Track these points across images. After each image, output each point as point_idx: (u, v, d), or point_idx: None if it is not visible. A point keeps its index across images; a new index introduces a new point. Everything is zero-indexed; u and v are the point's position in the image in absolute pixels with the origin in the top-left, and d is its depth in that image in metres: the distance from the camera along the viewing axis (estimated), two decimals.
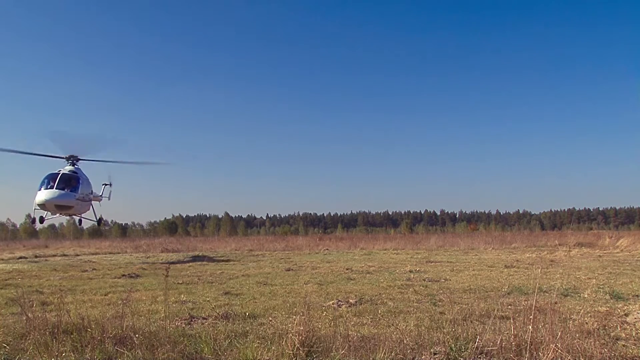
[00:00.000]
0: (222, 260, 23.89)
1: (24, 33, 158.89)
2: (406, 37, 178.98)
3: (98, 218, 26.78)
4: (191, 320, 7.70)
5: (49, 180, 21.62)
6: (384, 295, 10.37)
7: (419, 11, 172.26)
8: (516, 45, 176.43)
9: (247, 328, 6.89)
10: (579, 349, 4.84)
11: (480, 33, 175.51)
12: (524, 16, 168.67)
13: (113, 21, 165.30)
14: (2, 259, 26.01)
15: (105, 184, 30.52)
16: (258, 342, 5.63)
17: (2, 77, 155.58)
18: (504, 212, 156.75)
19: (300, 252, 30.60)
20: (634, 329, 6.70)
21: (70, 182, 22.22)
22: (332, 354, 5.18)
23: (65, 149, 23.55)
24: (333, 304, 9.21)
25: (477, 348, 5.17)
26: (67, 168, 23.25)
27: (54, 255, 30.16)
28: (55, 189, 21.37)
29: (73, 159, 23.75)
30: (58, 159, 23.64)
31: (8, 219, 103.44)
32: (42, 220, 23.63)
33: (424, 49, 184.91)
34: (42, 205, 21.25)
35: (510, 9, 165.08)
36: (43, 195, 21.10)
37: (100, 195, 29.67)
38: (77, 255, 31.34)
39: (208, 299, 10.25)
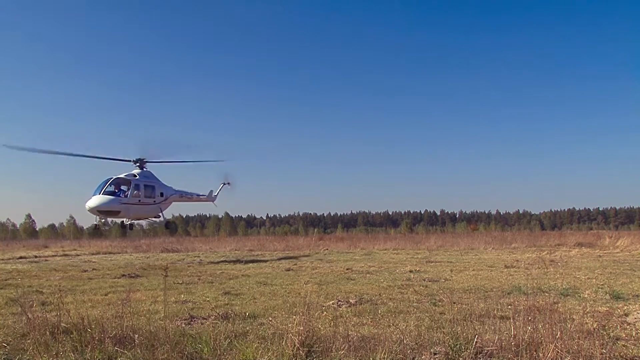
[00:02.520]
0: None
1: (26, 33, 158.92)
2: (406, 36, 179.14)
3: (166, 221, 26.17)
4: (191, 320, 7.69)
5: (99, 186, 21.82)
6: (384, 295, 10.36)
7: (420, 11, 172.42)
8: (517, 45, 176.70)
9: (247, 328, 6.88)
10: (578, 349, 4.83)
11: (480, 33, 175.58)
12: (525, 16, 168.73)
13: (116, 21, 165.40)
14: (2, 259, 26.01)
15: (224, 183, 30.10)
16: (258, 342, 5.62)
17: (7, 76, 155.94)
18: (504, 212, 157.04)
19: (300, 252, 30.59)
20: (634, 329, 6.70)
21: (120, 187, 22.09)
22: (332, 354, 5.18)
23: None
24: (333, 304, 9.21)
25: (476, 348, 5.17)
26: (134, 171, 23.32)
27: (54, 255, 30.16)
28: (102, 194, 21.43)
29: (140, 162, 23.74)
30: (126, 162, 23.75)
31: (8, 219, 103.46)
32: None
33: (424, 48, 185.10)
34: (90, 212, 21.46)
35: (511, 9, 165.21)
36: (88, 202, 21.31)
37: (213, 196, 29.36)
38: (77, 255, 31.34)
39: (208, 299, 10.25)
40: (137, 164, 23.76)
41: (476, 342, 5.20)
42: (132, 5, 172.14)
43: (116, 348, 5.45)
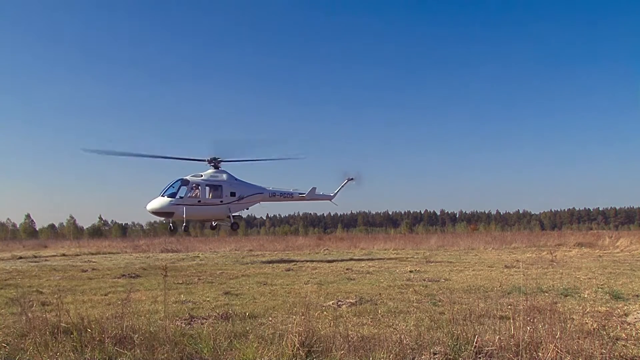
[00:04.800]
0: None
1: (29, 30, 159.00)
2: (407, 33, 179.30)
3: (232, 222, 24.77)
4: (191, 320, 7.70)
5: (164, 188, 21.91)
6: (384, 295, 10.37)
7: (422, 9, 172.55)
8: (516, 45, 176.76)
9: (247, 328, 6.88)
10: (578, 349, 4.83)
11: (480, 32, 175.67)
12: (526, 16, 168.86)
13: (121, 19, 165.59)
14: (2, 259, 26.00)
15: (349, 179, 27.02)
16: (258, 343, 5.62)
17: (7, 75, 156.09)
18: (504, 212, 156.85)
19: (300, 252, 30.60)
20: (634, 329, 6.70)
21: (179, 189, 21.95)
22: (332, 354, 5.18)
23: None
24: (333, 304, 9.21)
25: (476, 348, 5.17)
26: (208, 171, 23.19)
27: (54, 255, 30.14)
28: (161, 196, 21.57)
29: (215, 162, 23.40)
30: (200, 161, 23.56)
31: (8, 219, 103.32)
32: (177, 226, 24.03)
33: (424, 46, 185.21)
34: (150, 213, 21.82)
35: (510, 7, 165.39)
36: (147, 205, 21.51)
37: (331, 194, 26.77)
38: (77, 255, 31.33)
39: (208, 299, 10.25)
40: (212, 164, 23.44)
41: (476, 342, 5.20)
42: (140, 3, 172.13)
43: (116, 348, 5.45)
